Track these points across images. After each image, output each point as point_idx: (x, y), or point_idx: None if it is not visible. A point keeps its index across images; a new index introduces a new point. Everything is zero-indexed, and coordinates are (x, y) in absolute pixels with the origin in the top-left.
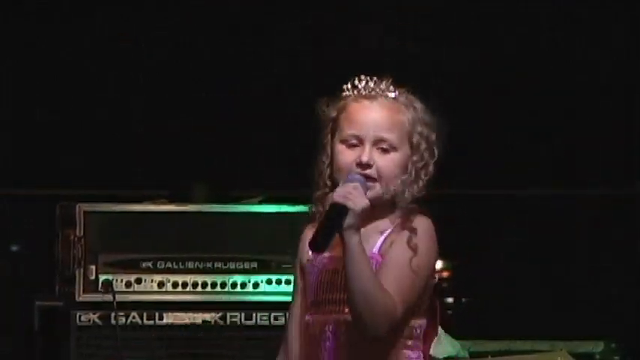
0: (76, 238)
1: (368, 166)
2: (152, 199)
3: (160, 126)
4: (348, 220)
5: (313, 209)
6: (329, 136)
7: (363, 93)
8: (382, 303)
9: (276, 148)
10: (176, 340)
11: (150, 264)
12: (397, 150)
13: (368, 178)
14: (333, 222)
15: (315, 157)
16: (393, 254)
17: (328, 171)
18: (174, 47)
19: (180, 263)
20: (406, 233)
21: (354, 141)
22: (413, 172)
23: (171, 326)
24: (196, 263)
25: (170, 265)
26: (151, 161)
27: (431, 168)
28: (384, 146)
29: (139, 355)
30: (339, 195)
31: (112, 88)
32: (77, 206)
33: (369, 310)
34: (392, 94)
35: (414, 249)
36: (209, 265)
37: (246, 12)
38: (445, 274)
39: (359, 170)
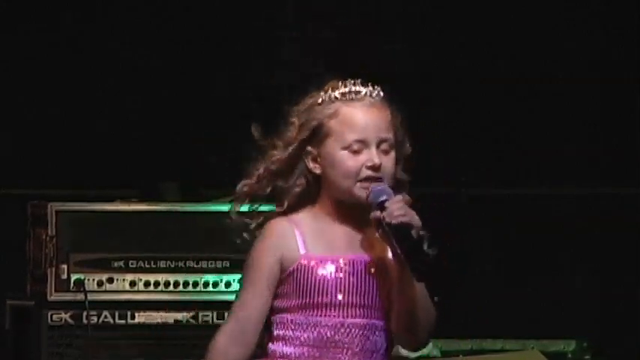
0: (47, 238)
1: (378, 168)
2: (123, 199)
3: (132, 125)
4: (414, 235)
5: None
6: (303, 142)
7: (351, 97)
8: (433, 314)
9: (247, 146)
10: (148, 340)
11: (121, 263)
12: (394, 148)
13: (376, 179)
14: (413, 242)
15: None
16: None
17: (281, 169)
18: (146, 48)
19: (151, 262)
20: None
21: (358, 145)
22: (400, 168)
23: (142, 326)
24: (168, 262)
25: (142, 265)
26: (122, 160)
27: (408, 162)
28: (386, 147)
29: (110, 355)
30: (401, 215)
31: (84, 88)
32: (49, 205)
33: (427, 324)
34: (375, 93)
35: None
36: (181, 264)
37: (211, 16)
38: None
39: (370, 173)
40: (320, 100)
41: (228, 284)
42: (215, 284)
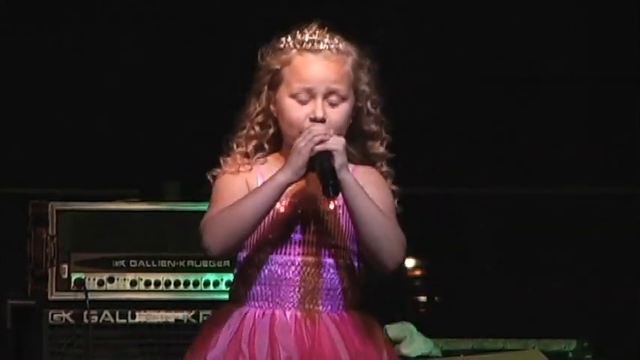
0: (48, 237)
1: (322, 120)
2: (124, 198)
3: (132, 125)
4: (338, 161)
5: (236, 149)
6: (266, 87)
7: (308, 47)
8: (396, 230)
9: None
10: (148, 339)
11: (122, 262)
12: (346, 100)
13: None
14: (327, 161)
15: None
16: (374, 198)
17: (258, 118)
18: (145, 47)
19: (152, 262)
20: (373, 181)
21: (305, 95)
22: (363, 122)
23: (143, 325)
24: (169, 262)
25: (143, 264)
26: (122, 160)
27: (378, 113)
28: (335, 98)
29: (111, 354)
30: (311, 143)
31: (85, 88)
32: (49, 205)
33: (388, 239)
34: (334, 46)
35: (387, 194)
36: (182, 263)
37: (211, 16)
38: (418, 272)
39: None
40: (282, 46)
41: (228, 283)
42: (216, 283)
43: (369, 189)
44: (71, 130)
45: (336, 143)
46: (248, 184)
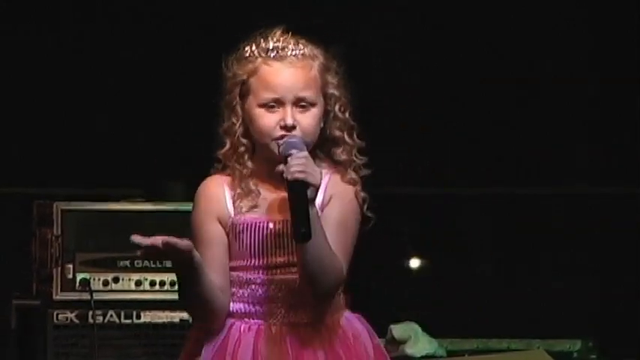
0: (53, 237)
1: (293, 127)
2: (129, 198)
3: (136, 124)
4: (311, 195)
5: (225, 164)
6: (237, 98)
7: (273, 55)
8: (334, 267)
9: None
10: (153, 339)
11: (127, 262)
12: (315, 105)
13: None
14: (303, 201)
15: (220, 116)
16: (335, 214)
17: (240, 130)
18: (145, 47)
19: (157, 262)
20: (342, 192)
21: (274, 104)
22: (327, 127)
23: (148, 325)
24: None
25: (147, 264)
26: (127, 160)
27: (345, 117)
28: (304, 104)
29: (115, 355)
30: (297, 171)
31: (88, 86)
32: (54, 205)
33: (323, 274)
34: (299, 52)
35: (352, 210)
36: None
37: (211, 16)
38: (421, 272)
39: (283, 132)
40: (247, 54)
41: None
42: None
43: (333, 201)
44: (75, 130)
45: (316, 177)
46: (220, 220)
